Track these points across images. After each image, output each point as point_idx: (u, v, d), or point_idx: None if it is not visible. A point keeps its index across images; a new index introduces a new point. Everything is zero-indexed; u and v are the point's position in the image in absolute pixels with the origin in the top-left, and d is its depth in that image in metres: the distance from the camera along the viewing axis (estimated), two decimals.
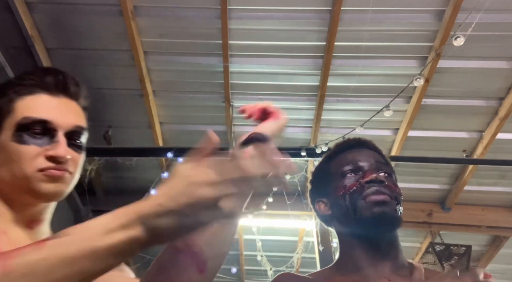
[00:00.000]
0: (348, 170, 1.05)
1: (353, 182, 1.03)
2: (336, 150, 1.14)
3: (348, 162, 1.07)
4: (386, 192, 1.00)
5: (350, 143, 1.14)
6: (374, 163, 1.06)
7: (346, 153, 1.11)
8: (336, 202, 1.05)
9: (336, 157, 1.12)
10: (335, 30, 3.20)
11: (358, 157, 1.08)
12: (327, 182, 1.10)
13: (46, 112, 0.82)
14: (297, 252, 4.78)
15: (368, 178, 1.01)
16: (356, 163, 1.06)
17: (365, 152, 1.10)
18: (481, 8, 2.73)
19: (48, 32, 3.36)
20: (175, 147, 3.75)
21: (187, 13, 3.27)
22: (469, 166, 4.12)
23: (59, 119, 0.83)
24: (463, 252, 4.46)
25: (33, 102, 0.83)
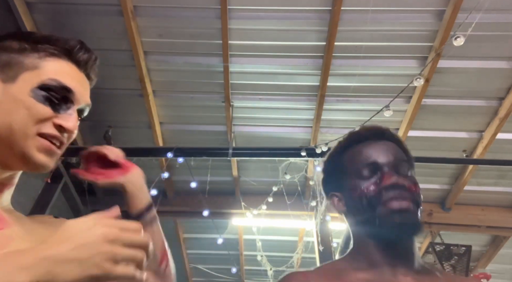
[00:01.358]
0: (365, 168, 0.97)
1: (371, 184, 0.94)
2: (351, 141, 1.03)
3: (364, 158, 0.98)
4: (408, 196, 0.92)
5: (366, 134, 1.02)
6: (393, 160, 0.96)
7: (362, 146, 1.00)
8: (352, 202, 0.98)
9: (350, 149, 1.02)
10: (335, 30, 3.20)
11: (375, 153, 0.98)
12: (341, 176, 1.02)
13: (72, 82, 0.82)
14: (297, 252, 4.78)
15: (388, 182, 0.93)
16: (374, 160, 0.97)
17: (383, 145, 1.00)
18: (481, 8, 2.73)
19: (48, 32, 3.35)
20: (175, 147, 3.75)
21: (187, 13, 3.27)
22: (469, 166, 4.12)
23: (80, 93, 0.83)
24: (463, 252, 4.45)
25: (63, 68, 0.82)
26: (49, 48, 0.83)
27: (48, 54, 0.82)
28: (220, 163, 4.24)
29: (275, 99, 3.86)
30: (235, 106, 3.89)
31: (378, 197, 0.93)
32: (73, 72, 0.84)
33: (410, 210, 0.91)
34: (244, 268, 5.55)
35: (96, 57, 0.89)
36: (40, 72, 0.79)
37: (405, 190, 0.92)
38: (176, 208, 4.63)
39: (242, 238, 5.13)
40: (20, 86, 0.78)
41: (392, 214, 0.91)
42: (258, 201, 4.19)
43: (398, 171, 0.96)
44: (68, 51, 0.84)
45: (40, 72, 0.79)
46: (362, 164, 0.97)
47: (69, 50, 0.84)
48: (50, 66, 0.81)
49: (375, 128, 1.04)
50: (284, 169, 3.93)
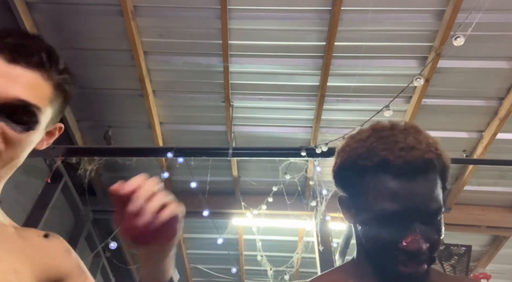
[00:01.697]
0: (387, 214, 0.80)
1: (388, 235, 0.80)
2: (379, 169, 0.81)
3: (390, 200, 0.79)
4: (425, 259, 0.80)
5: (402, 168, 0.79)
6: (426, 210, 0.79)
7: (391, 179, 0.80)
8: (362, 233, 0.87)
9: (376, 175, 0.82)
10: (335, 30, 3.20)
11: (405, 198, 0.79)
12: (357, 191, 0.86)
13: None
14: (297, 252, 4.78)
15: (409, 247, 0.78)
16: (400, 210, 0.79)
17: (419, 184, 0.79)
18: (481, 8, 2.73)
19: (48, 32, 3.36)
20: (175, 147, 3.75)
21: (187, 13, 3.27)
22: (469, 166, 4.12)
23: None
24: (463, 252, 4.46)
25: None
26: None
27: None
28: (220, 163, 4.24)
29: (275, 99, 3.86)
30: (235, 106, 3.89)
31: (392, 252, 0.81)
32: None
33: (420, 274, 0.81)
34: (244, 268, 5.55)
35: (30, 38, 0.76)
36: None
37: (425, 253, 0.80)
38: None
39: (242, 238, 5.13)
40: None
41: (399, 277, 0.82)
42: (258, 201, 4.18)
43: (428, 220, 0.80)
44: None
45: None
46: (386, 208, 0.80)
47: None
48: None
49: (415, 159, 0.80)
50: (284, 169, 3.93)
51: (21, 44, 0.73)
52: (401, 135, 0.83)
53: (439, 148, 0.86)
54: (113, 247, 3.73)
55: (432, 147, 0.84)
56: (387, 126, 0.88)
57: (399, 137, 0.83)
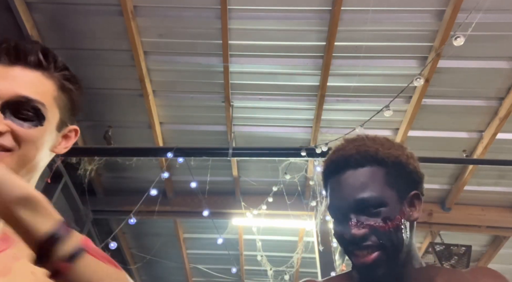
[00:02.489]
0: (331, 211, 0.92)
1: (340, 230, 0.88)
2: (329, 172, 0.94)
3: (330, 197, 0.91)
4: (369, 245, 0.84)
5: (339, 165, 0.90)
6: (355, 200, 0.86)
7: (333, 179, 0.92)
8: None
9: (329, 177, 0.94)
10: (335, 30, 3.20)
11: (337, 192, 0.89)
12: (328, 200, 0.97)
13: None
14: (297, 252, 4.78)
15: (347, 236, 0.85)
16: (336, 205, 0.89)
17: (348, 177, 0.88)
18: (481, 8, 2.73)
19: (48, 32, 3.36)
20: (175, 147, 3.75)
21: (187, 13, 3.27)
22: (469, 166, 4.12)
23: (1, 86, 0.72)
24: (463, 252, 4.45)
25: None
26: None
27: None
28: (220, 163, 4.24)
29: (275, 99, 3.86)
30: (235, 106, 3.89)
31: (343, 247, 0.89)
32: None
33: (373, 262, 0.84)
34: (244, 268, 5.55)
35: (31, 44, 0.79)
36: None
37: (366, 240, 0.84)
38: (176, 208, 4.62)
39: (242, 238, 5.13)
40: None
41: (361, 270, 0.87)
42: (258, 201, 4.18)
43: (365, 210, 0.86)
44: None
45: None
46: (329, 206, 0.91)
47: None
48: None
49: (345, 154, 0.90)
50: (284, 169, 3.93)
51: (17, 46, 0.75)
52: (347, 142, 0.94)
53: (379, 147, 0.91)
54: (113, 247, 3.73)
55: (369, 144, 0.91)
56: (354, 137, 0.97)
57: (345, 144, 0.94)
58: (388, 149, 0.91)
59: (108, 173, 4.52)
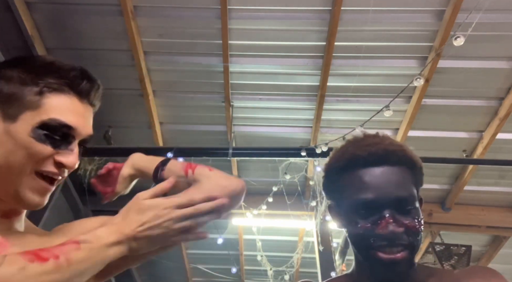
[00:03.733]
0: (361, 205, 0.88)
1: (365, 225, 0.87)
2: (350, 165, 0.91)
3: (361, 191, 0.87)
4: (403, 244, 0.85)
5: (369, 160, 0.89)
6: (395, 197, 0.86)
7: (361, 173, 0.89)
8: (347, 227, 0.93)
9: (348, 172, 0.91)
10: (335, 30, 3.20)
11: (375, 188, 0.87)
12: (338, 193, 0.95)
13: (73, 118, 0.81)
14: (297, 252, 4.78)
15: (383, 231, 0.85)
16: (371, 198, 0.86)
17: (386, 173, 0.88)
18: (481, 8, 2.73)
19: (48, 32, 3.36)
20: (175, 147, 3.75)
21: (187, 13, 3.27)
22: (469, 166, 4.12)
23: (81, 127, 0.82)
24: (463, 252, 4.46)
25: (64, 104, 0.80)
26: (50, 83, 0.80)
27: (48, 90, 0.80)
28: (220, 163, 4.24)
29: (275, 99, 3.86)
30: (235, 106, 3.89)
31: (370, 242, 0.87)
32: (74, 105, 0.82)
33: (401, 260, 0.85)
34: (244, 268, 5.55)
35: (99, 86, 0.87)
36: (40, 111, 0.78)
37: (400, 238, 0.85)
38: None
39: (242, 238, 5.13)
40: (21, 126, 0.77)
41: (379, 265, 0.87)
42: (258, 201, 4.18)
43: (400, 208, 0.87)
44: (68, 84, 0.82)
45: (41, 111, 0.78)
46: (359, 199, 0.88)
47: (70, 81, 0.82)
48: (51, 103, 0.79)
49: (379, 151, 0.89)
50: (284, 169, 3.93)
51: (88, 86, 0.85)
52: (369, 137, 0.95)
53: (406, 148, 0.94)
54: None
55: (397, 144, 0.94)
56: (360, 136, 0.98)
57: (367, 138, 0.95)
58: (411, 152, 0.94)
59: None
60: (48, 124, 0.78)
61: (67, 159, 0.80)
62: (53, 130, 0.78)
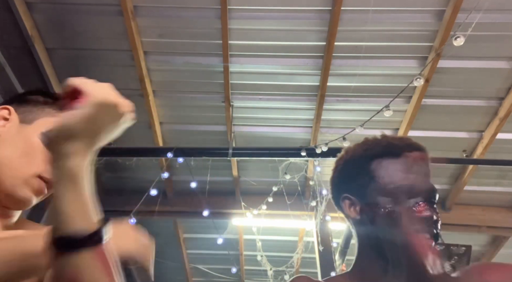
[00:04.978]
0: (400, 189, 0.88)
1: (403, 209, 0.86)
2: (386, 152, 0.93)
3: (401, 177, 0.89)
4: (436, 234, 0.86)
5: (405, 150, 0.92)
6: (428, 188, 0.88)
7: (398, 160, 0.91)
8: (372, 216, 0.90)
9: (382, 158, 0.92)
10: (335, 30, 3.20)
11: (414, 175, 0.89)
12: (365, 183, 0.93)
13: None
14: (297, 252, 4.78)
15: (423, 214, 0.85)
16: (412, 184, 0.88)
17: (420, 166, 0.91)
18: (481, 8, 2.73)
19: (48, 32, 3.36)
20: (175, 147, 3.75)
21: (187, 13, 3.27)
22: (469, 166, 4.12)
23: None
24: (463, 252, 4.45)
25: None
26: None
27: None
28: (220, 163, 4.24)
29: (275, 99, 3.86)
30: (235, 106, 3.89)
31: (407, 225, 0.86)
32: None
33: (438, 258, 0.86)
34: (244, 268, 5.55)
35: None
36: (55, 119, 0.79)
37: (434, 226, 0.86)
38: (176, 208, 4.62)
39: (242, 238, 5.13)
40: (34, 128, 0.84)
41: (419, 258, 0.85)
42: (258, 201, 4.18)
43: (430, 199, 0.88)
44: None
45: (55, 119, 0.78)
46: (397, 183, 0.88)
47: None
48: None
49: (414, 144, 0.94)
50: (284, 169, 3.93)
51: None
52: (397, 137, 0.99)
53: None
54: None
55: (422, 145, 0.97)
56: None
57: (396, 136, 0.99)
58: None
59: (108, 173, 4.52)
60: None
61: None
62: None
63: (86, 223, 0.60)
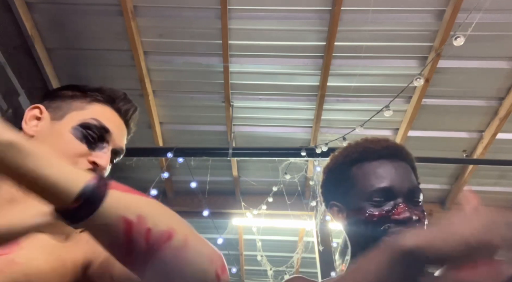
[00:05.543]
0: (377, 192, 0.89)
1: (381, 212, 0.87)
2: (363, 156, 0.95)
3: (377, 180, 0.90)
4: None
5: (381, 152, 0.94)
6: (408, 187, 0.90)
7: (375, 165, 0.93)
8: (354, 221, 0.92)
9: (361, 163, 0.95)
10: (335, 30, 3.20)
11: (390, 177, 0.90)
12: (347, 189, 0.95)
13: (111, 125, 0.90)
14: (297, 252, 4.78)
15: (401, 216, 0.86)
16: (389, 186, 0.89)
17: (398, 167, 0.93)
18: (481, 8, 2.73)
19: (48, 32, 3.36)
20: (175, 147, 3.75)
21: (187, 13, 3.27)
22: (469, 166, 4.12)
23: (117, 136, 0.91)
24: None
25: (105, 112, 0.91)
26: (96, 95, 0.92)
27: (94, 100, 0.91)
28: (220, 163, 4.24)
29: (275, 99, 3.86)
30: (235, 106, 3.89)
31: (386, 228, 0.87)
32: (114, 117, 0.93)
33: None
34: (244, 268, 5.55)
35: (136, 108, 1.02)
36: (84, 112, 0.88)
37: (414, 226, 0.86)
38: (176, 208, 4.50)
39: (242, 238, 5.13)
40: (65, 123, 0.86)
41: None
42: (258, 201, 4.19)
43: (411, 199, 0.90)
44: (112, 99, 0.94)
45: (85, 113, 0.88)
46: (374, 187, 0.90)
47: (113, 98, 0.94)
48: (94, 108, 0.90)
49: (391, 146, 0.96)
50: (284, 169, 3.93)
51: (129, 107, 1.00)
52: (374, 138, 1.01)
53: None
54: None
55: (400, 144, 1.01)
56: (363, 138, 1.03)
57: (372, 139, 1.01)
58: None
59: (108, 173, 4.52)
60: (88, 123, 0.86)
61: (100, 160, 0.86)
62: (92, 130, 0.86)
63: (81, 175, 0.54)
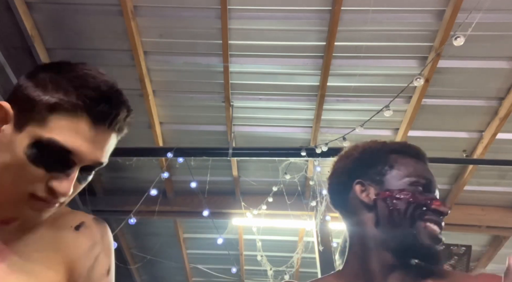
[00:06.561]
0: (419, 179, 0.94)
1: (422, 197, 0.92)
2: (403, 150, 1.01)
3: (419, 171, 0.96)
4: (442, 227, 0.93)
5: (418, 153, 1.01)
6: (435, 189, 0.97)
7: (414, 160, 0.99)
8: (387, 201, 0.93)
9: (401, 154, 1.00)
10: (335, 30, 3.20)
11: (428, 175, 0.97)
12: (382, 168, 0.98)
13: (76, 143, 0.72)
14: (297, 252, 4.78)
15: (438, 207, 0.92)
16: (429, 179, 0.96)
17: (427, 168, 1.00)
18: (481, 8, 2.73)
19: (48, 32, 3.36)
20: (175, 147, 3.75)
21: (187, 13, 3.27)
22: (469, 166, 4.12)
23: (86, 153, 0.74)
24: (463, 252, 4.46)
25: (70, 126, 0.72)
26: (64, 100, 0.72)
27: (61, 107, 0.71)
28: (220, 163, 4.24)
29: (275, 99, 3.86)
30: (235, 106, 3.89)
31: (423, 211, 0.91)
32: (85, 130, 0.73)
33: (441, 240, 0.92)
34: (244, 268, 5.55)
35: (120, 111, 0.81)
36: (44, 128, 0.71)
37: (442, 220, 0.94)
38: (176, 208, 4.63)
39: (242, 238, 5.13)
40: (21, 139, 0.71)
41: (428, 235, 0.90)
42: (258, 201, 4.18)
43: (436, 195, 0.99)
44: (83, 106, 0.73)
45: (44, 128, 0.71)
46: (417, 174, 0.95)
47: (84, 104, 0.73)
48: (57, 122, 0.71)
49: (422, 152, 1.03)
50: (284, 169, 3.93)
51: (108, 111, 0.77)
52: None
53: None
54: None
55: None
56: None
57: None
58: None
59: (108, 173, 4.52)
60: (44, 144, 0.70)
61: (59, 185, 0.71)
62: (48, 152, 0.70)
63: None
